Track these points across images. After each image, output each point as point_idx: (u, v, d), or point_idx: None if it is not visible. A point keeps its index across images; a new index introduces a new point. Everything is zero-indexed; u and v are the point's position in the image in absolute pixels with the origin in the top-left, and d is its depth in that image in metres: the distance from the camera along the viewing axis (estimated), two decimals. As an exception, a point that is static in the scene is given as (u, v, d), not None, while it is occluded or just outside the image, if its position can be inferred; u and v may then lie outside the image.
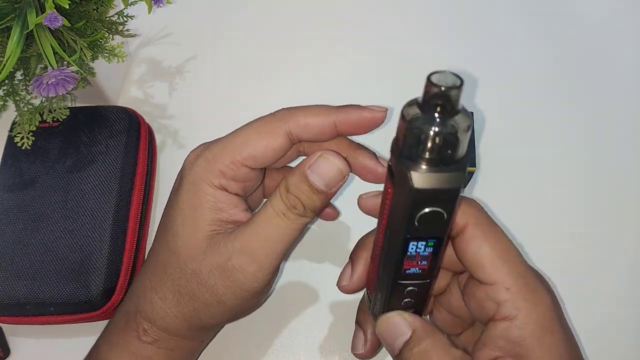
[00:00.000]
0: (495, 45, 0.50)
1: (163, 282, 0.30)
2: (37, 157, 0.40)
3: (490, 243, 0.26)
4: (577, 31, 0.51)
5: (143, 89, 0.48)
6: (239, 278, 0.28)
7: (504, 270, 0.26)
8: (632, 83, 0.48)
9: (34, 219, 0.38)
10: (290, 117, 0.29)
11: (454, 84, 0.20)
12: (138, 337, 0.30)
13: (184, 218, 0.29)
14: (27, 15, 0.33)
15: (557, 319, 0.26)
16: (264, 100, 0.48)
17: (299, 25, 0.52)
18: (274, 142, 0.29)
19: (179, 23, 0.51)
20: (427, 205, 0.22)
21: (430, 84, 0.20)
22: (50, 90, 0.35)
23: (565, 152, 0.45)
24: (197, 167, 0.29)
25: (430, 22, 0.52)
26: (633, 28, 0.51)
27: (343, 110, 0.29)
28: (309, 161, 0.28)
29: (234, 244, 0.28)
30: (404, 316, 0.28)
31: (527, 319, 0.25)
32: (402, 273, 0.25)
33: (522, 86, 0.48)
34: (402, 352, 0.27)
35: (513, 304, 0.25)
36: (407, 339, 0.27)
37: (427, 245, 0.24)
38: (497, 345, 0.26)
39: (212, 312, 0.30)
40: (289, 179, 0.28)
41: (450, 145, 0.21)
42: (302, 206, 0.28)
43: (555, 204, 0.43)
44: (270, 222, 0.28)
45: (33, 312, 0.36)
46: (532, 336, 0.25)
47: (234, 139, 0.29)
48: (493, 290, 0.26)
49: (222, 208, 0.29)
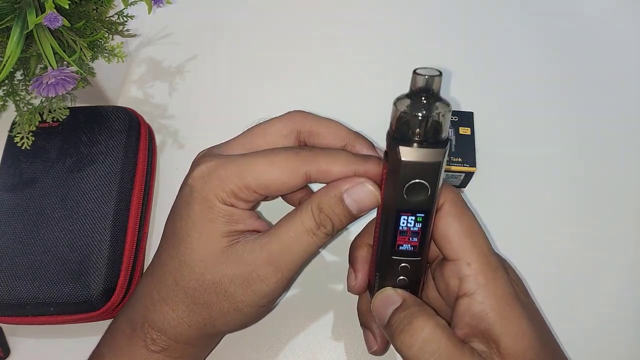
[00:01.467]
0: (495, 46, 0.51)
1: (174, 293, 0.30)
2: (37, 157, 0.40)
3: (460, 222, 0.28)
4: (577, 32, 0.51)
5: (143, 89, 0.48)
6: (261, 287, 0.29)
7: (468, 248, 0.28)
8: (632, 83, 0.48)
9: (34, 219, 0.38)
10: (313, 161, 0.29)
11: (435, 74, 0.25)
12: (146, 347, 0.31)
13: (200, 232, 0.29)
14: (27, 15, 0.33)
15: (515, 294, 0.28)
16: (264, 100, 0.48)
17: (299, 25, 0.52)
18: (291, 181, 0.29)
19: (179, 23, 0.51)
20: (413, 177, 0.26)
21: (415, 75, 0.25)
22: (50, 90, 0.35)
23: (564, 152, 0.45)
24: (210, 184, 0.29)
25: (430, 22, 0.52)
26: (633, 28, 0.51)
27: (364, 162, 0.29)
28: (346, 184, 0.29)
29: (260, 254, 0.29)
30: (397, 290, 0.30)
31: (487, 293, 0.27)
32: (396, 249, 0.29)
33: (521, 87, 0.48)
34: (390, 318, 0.29)
35: (474, 279, 0.28)
36: (397, 307, 0.29)
37: (416, 221, 0.27)
38: (465, 323, 0.28)
39: (227, 319, 0.30)
40: (323, 199, 0.29)
41: (434, 126, 0.25)
42: (332, 226, 0.29)
43: (554, 204, 0.43)
44: (299, 238, 0.29)
45: (33, 312, 0.36)
46: (492, 310, 0.27)
47: (252, 165, 0.29)
48: (457, 266, 0.28)
49: (237, 220, 0.30)
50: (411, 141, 0.26)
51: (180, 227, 0.30)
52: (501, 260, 0.29)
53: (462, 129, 0.41)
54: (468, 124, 0.42)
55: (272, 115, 0.32)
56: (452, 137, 0.41)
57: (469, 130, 0.41)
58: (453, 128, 0.41)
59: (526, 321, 0.27)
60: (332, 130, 0.32)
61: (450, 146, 0.40)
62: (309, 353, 0.38)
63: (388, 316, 0.29)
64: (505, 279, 0.28)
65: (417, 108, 0.25)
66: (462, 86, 0.48)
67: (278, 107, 0.34)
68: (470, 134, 0.41)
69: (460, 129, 0.41)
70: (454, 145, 0.41)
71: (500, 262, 0.29)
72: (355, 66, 0.49)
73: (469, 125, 0.42)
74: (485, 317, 0.27)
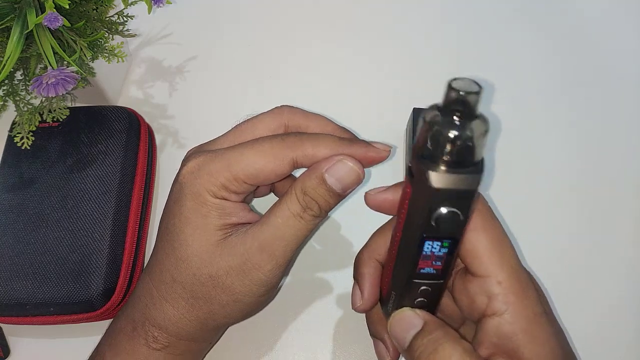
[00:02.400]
0: (495, 47, 0.50)
1: (173, 289, 0.30)
2: (37, 157, 0.40)
3: (489, 235, 0.27)
4: (577, 32, 0.51)
5: (143, 89, 0.48)
6: (257, 276, 0.29)
7: (499, 264, 0.26)
8: (633, 83, 0.48)
9: (34, 219, 0.38)
10: (298, 146, 0.29)
11: (473, 90, 0.22)
12: (147, 345, 0.31)
13: (194, 227, 0.30)
14: (27, 15, 0.33)
15: (545, 314, 0.27)
16: (264, 100, 0.48)
17: (300, 25, 0.52)
18: (279, 168, 0.29)
19: (179, 23, 0.51)
20: (443, 205, 0.23)
21: (450, 89, 0.22)
22: (50, 90, 0.35)
23: (565, 152, 0.45)
24: (200, 179, 0.29)
25: (431, 22, 0.52)
26: (633, 28, 0.51)
27: (350, 146, 0.29)
28: (327, 164, 0.28)
29: (252, 243, 0.29)
30: (416, 311, 0.28)
31: (517, 314, 0.26)
32: (417, 272, 0.26)
33: (521, 87, 0.48)
34: (412, 343, 0.27)
35: (504, 298, 0.26)
36: (419, 330, 0.27)
37: (442, 246, 0.25)
38: (491, 342, 0.26)
39: (228, 311, 0.31)
40: (305, 182, 0.29)
41: (468, 149, 0.22)
42: (318, 207, 0.29)
43: (555, 204, 0.43)
44: (287, 223, 0.29)
45: (33, 312, 0.36)
46: (522, 332, 0.26)
47: (240, 156, 0.29)
48: (486, 283, 0.26)
49: (230, 213, 0.30)
50: (442, 163, 0.22)
51: (174, 224, 0.30)
52: (529, 275, 0.28)
53: (462, 129, 0.41)
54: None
55: (265, 112, 0.33)
56: None
57: (469, 130, 0.41)
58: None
59: (554, 342, 0.26)
60: (319, 125, 0.32)
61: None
62: (310, 353, 0.38)
63: (409, 340, 0.27)
64: (535, 297, 0.27)
65: (450, 126, 0.22)
66: (462, 86, 0.48)
67: (278, 107, 0.34)
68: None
69: (461, 129, 0.41)
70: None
71: (529, 277, 0.27)
72: (355, 67, 0.49)
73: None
74: (515, 339, 0.26)
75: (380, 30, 0.51)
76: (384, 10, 0.52)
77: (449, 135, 0.22)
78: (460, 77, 0.22)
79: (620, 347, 0.38)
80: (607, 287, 0.40)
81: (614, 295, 0.40)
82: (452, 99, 0.22)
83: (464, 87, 0.22)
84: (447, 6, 0.53)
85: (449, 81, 0.22)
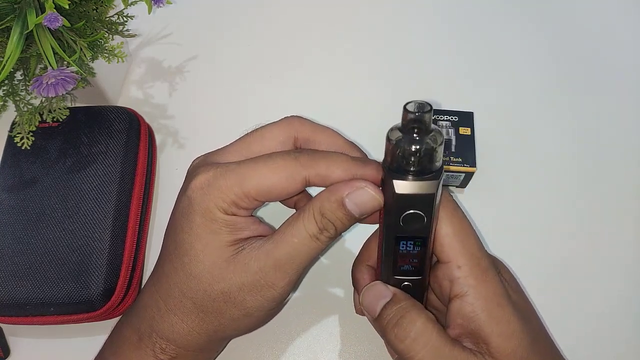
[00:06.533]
0: (495, 47, 0.51)
1: (182, 304, 0.30)
2: (37, 157, 0.40)
3: (451, 224, 0.29)
4: (577, 32, 0.51)
5: (143, 89, 0.48)
6: (270, 292, 0.29)
7: (458, 250, 0.29)
8: (632, 83, 0.48)
9: (34, 219, 0.38)
10: (312, 165, 0.29)
11: (425, 110, 0.26)
12: (154, 355, 0.31)
13: (204, 244, 0.29)
14: (27, 16, 0.33)
15: (506, 294, 0.29)
16: (264, 100, 0.48)
17: (300, 26, 0.52)
18: (291, 186, 0.29)
19: (179, 23, 0.51)
20: (408, 208, 0.27)
21: (406, 112, 0.26)
22: (50, 91, 0.35)
23: (564, 152, 0.45)
24: (210, 195, 0.29)
25: (431, 22, 0.52)
26: (633, 28, 0.51)
27: (362, 167, 0.29)
28: (347, 189, 0.28)
29: (267, 262, 0.29)
30: (386, 285, 0.30)
31: (477, 294, 0.28)
32: (398, 269, 0.30)
33: (521, 87, 0.48)
34: (382, 312, 0.29)
35: (465, 281, 0.28)
36: (388, 300, 0.29)
37: (415, 245, 0.28)
38: (457, 323, 0.28)
39: (238, 324, 0.31)
40: (324, 204, 0.29)
41: (426, 157, 0.26)
42: (335, 229, 0.29)
43: (554, 204, 0.43)
44: (303, 243, 0.29)
45: (33, 312, 0.36)
46: (482, 311, 0.28)
47: (252, 173, 0.29)
48: (448, 268, 0.29)
49: (241, 228, 0.30)
50: (405, 173, 0.26)
51: (183, 239, 0.30)
52: (493, 261, 0.30)
53: (462, 129, 0.41)
54: (468, 124, 0.42)
55: (271, 119, 0.32)
56: (452, 137, 0.41)
57: (469, 130, 0.41)
58: (453, 128, 0.41)
59: (516, 320, 0.28)
60: (329, 138, 0.32)
61: (450, 146, 0.41)
62: (310, 354, 0.38)
63: (379, 310, 0.29)
64: (496, 279, 0.29)
65: (409, 142, 0.26)
66: (462, 86, 0.48)
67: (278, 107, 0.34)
68: (470, 134, 0.41)
69: (460, 129, 0.41)
70: (454, 145, 0.41)
71: (491, 262, 0.29)
72: (355, 68, 0.49)
73: (469, 125, 0.42)
74: (476, 318, 0.28)
75: (380, 31, 0.51)
76: (384, 11, 0.52)
77: (408, 150, 0.26)
78: (413, 100, 0.26)
79: (621, 347, 0.38)
80: (607, 287, 0.40)
81: (613, 296, 0.40)
82: (410, 119, 0.26)
83: (418, 108, 0.26)
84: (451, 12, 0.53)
85: (405, 105, 0.26)
